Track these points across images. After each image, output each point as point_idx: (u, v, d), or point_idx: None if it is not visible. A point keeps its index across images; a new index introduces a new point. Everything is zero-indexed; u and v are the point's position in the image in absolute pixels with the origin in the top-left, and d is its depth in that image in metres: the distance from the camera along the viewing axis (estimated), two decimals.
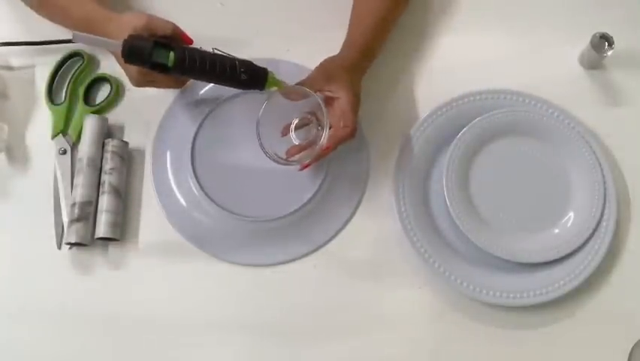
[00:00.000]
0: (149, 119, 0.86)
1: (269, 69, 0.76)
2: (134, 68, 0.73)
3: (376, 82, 0.86)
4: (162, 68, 0.71)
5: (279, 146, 0.77)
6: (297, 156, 0.77)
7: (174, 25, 0.75)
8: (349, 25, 0.82)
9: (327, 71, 0.76)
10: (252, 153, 0.82)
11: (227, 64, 0.73)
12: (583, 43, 0.86)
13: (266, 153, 0.76)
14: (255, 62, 0.75)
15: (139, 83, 0.76)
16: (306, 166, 0.76)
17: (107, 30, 0.74)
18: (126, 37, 0.70)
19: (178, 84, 0.81)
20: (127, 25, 0.72)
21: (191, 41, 0.77)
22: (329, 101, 0.75)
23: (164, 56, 0.71)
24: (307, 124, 0.78)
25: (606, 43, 0.84)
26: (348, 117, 0.74)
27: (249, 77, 0.74)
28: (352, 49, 0.79)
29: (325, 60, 0.78)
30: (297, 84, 0.76)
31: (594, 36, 0.85)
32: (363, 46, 0.80)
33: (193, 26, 0.77)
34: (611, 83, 0.88)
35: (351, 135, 0.74)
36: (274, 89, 0.76)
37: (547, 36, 0.90)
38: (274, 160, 0.76)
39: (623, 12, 0.90)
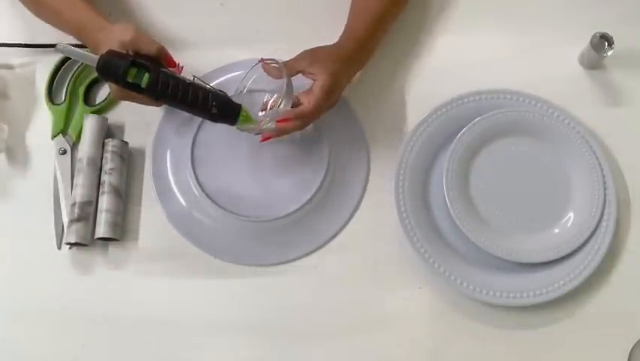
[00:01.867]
0: (149, 119, 0.86)
1: (243, 107, 0.75)
2: (114, 86, 0.73)
3: (377, 82, 0.86)
4: (136, 88, 0.71)
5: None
6: (261, 120, 0.76)
7: (160, 46, 0.75)
8: (348, 18, 0.83)
9: (314, 55, 0.77)
10: (253, 153, 0.82)
11: (200, 95, 0.72)
12: (583, 43, 0.86)
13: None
14: (232, 97, 0.75)
15: (118, 96, 0.76)
16: (267, 138, 0.77)
17: (97, 38, 0.74)
18: (110, 49, 0.70)
19: (156, 103, 0.79)
20: (114, 37, 0.72)
21: (174, 65, 0.76)
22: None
23: (138, 77, 0.70)
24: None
25: (606, 43, 0.84)
26: (314, 96, 0.74)
27: (220, 111, 0.74)
28: (348, 40, 0.80)
29: (318, 46, 0.79)
30: (282, 62, 0.76)
31: (594, 36, 0.85)
32: (359, 39, 0.80)
33: (193, 26, 0.77)
34: (611, 83, 0.87)
35: (311, 113, 0.74)
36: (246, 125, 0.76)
37: (547, 36, 0.90)
38: (240, 129, 0.76)
39: (623, 12, 0.90)
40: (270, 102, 0.77)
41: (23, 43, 0.88)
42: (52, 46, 0.86)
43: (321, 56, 0.77)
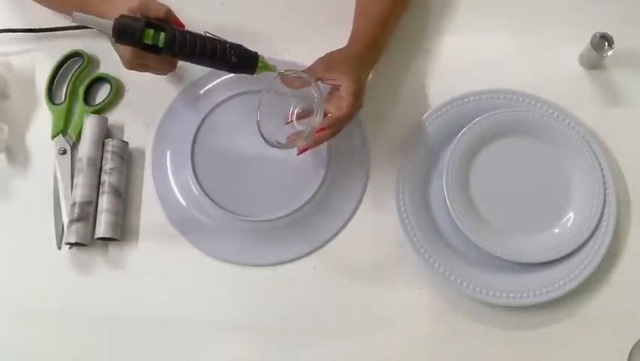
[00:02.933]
0: (149, 119, 0.86)
1: (260, 53, 0.76)
2: (127, 50, 0.73)
3: (376, 82, 0.86)
4: (153, 49, 0.71)
5: (280, 132, 0.77)
6: (292, 137, 0.77)
7: (168, 8, 0.75)
8: (354, 21, 0.83)
9: (329, 61, 0.77)
10: (252, 152, 0.82)
11: (218, 46, 0.73)
12: (583, 43, 0.86)
13: (263, 135, 0.76)
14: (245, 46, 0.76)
15: (131, 65, 0.75)
16: (304, 150, 0.77)
17: (101, 11, 0.74)
18: (122, 14, 0.70)
19: (170, 67, 0.79)
20: (121, 5, 0.72)
21: (183, 26, 0.76)
22: (333, 90, 0.75)
23: (155, 37, 0.71)
24: (311, 114, 0.78)
25: (606, 43, 0.84)
26: (346, 101, 0.74)
27: (239, 59, 0.74)
28: (358, 42, 0.80)
29: (330, 52, 0.78)
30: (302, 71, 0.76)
31: (594, 36, 0.85)
32: (369, 39, 0.80)
33: (193, 26, 0.77)
34: (611, 83, 0.87)
35: (346, 118, 0.75)
36: (275, 73, 0.76)
37: (547, 36, 0.90)
38: (271, 144, 0.76)
39: (623, 12, 0.90)
40: (297, 111, 0.78)
41: (23, 28, 0.88)
42: (53, 30, 0.87)
43: (337, 61, 0.77)
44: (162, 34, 0.71)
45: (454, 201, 0.79)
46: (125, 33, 0.70)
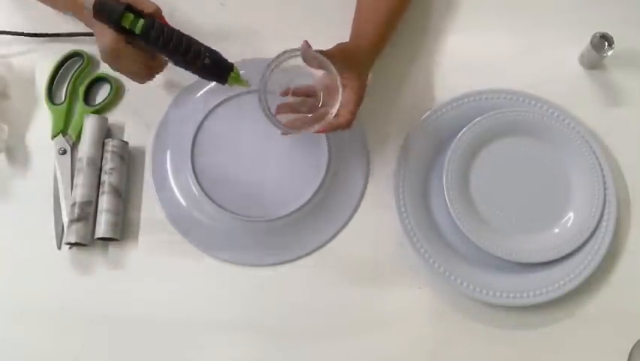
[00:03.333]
0: (149, 119, 0.86)
1: (236, 66, 0.75)
2: (106, 38, 0.72)
3: (376, 82, 0.85)
4: (130, 35, 0.72)
5: (274, 101, 0.76)
6: (285, 119, 0.75)
7: (157, 7, 0.75)
8: (355, 19, 0.82)
9: (346, 56, 0.76)
10: (252, 152, 0.82)
11: (193, 46, 0.73)
12: (583, 43, 0.86)
13: (262, 104, 0.74)
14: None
15: (109, 55, 0.74)
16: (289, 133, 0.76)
17: None
18: None
19: (147, 69, 0.78)
20: None
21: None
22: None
23: (133, 22, 0.71)
24: (310, 95, 0.77)
25: (606, 43, 0.84)
26: (351, 108, 0.74)
27: (212, 64, 0.74)
28: (362, 40, 0.79)
29: (342, 44, 0.77)
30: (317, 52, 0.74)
31: (594, 36, 0.85)
32: (373, 38, 0.80)
33: (193, 26, 0.77)
34: (611, 83, 0.87)
35: (347, 125, 0.74)
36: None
37: (548, 36, 0.90)
38: (266, 114, 0.74)
39: (623, 12, 0.90)
40: (294, 86, 0.77)
41: (24, 32, 0.88)
42: (53, 35, 0.87)
43: (351, 58, 0.76)
44: (141, 21, 0.71)
45: (454, 201, 0.79)
46: (105, 11, 0.70)
